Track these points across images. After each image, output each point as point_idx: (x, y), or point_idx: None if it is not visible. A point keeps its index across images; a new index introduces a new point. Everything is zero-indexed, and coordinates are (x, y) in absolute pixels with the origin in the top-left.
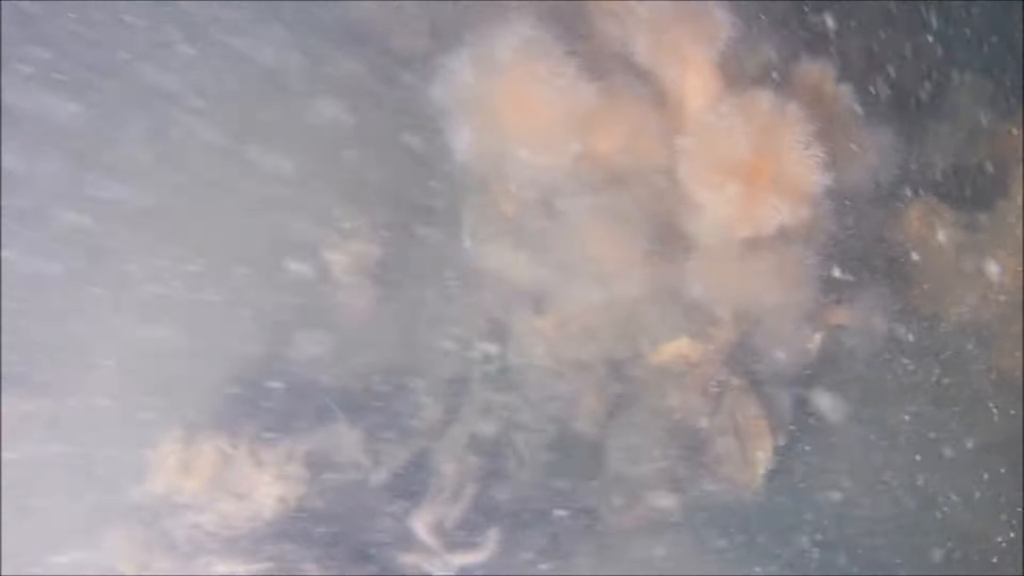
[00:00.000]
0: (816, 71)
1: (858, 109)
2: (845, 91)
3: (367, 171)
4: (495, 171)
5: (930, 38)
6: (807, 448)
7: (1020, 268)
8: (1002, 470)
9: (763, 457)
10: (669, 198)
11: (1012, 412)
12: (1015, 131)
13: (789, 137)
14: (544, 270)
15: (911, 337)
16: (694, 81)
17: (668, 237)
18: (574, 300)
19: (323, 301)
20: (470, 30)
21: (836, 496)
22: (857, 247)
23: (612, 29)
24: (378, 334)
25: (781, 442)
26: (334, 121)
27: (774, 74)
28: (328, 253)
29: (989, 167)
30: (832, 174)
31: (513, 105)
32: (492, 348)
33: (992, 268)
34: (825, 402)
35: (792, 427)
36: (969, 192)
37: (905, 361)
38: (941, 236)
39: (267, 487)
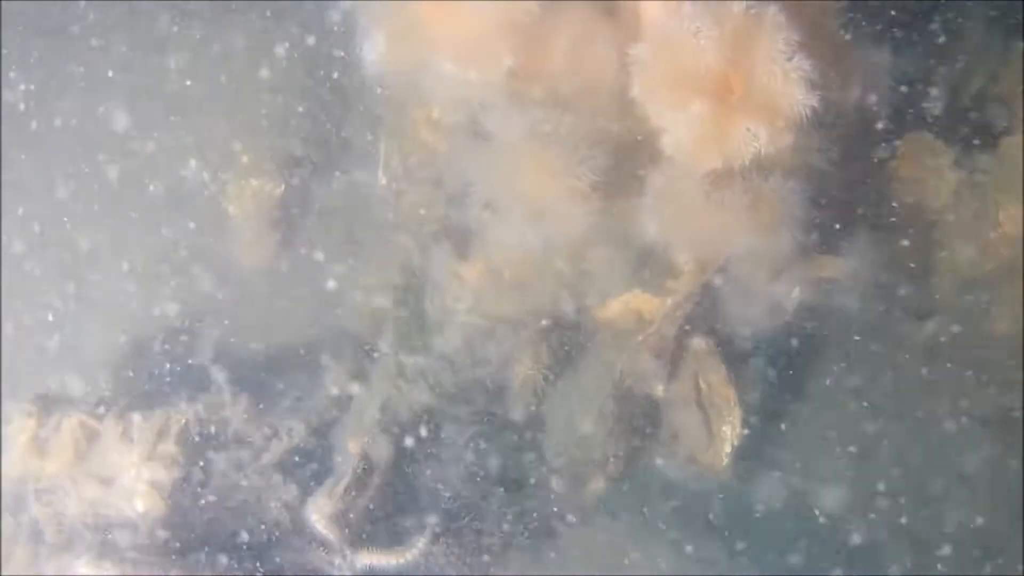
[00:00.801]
0: None
1: (849, 16)
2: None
3: (267, 94)
4: (414, 90)
5: None
6: (782, 424)
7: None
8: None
9: (730, 433)
10: (620, 121)
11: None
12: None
13: (768, 46)
14: (470, 208)
15: (902, 293)
16: None
17: (619, 168)
18: (505, 243)
19: (213, 247)
20: None
21: (816, 481)
22: (846, 185)
23: None
24: (275, 286)
25: (752, 416)
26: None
27: None
28: (222, 191)
29: (994, 99)
30: (819, 94)
31: (435, 6)
32: (408, 301)
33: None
34: (804, 368)
35: (765, 398)
36: (970, 128)
37: (896, 321)
38: (937, 178)
39: (136, 469)
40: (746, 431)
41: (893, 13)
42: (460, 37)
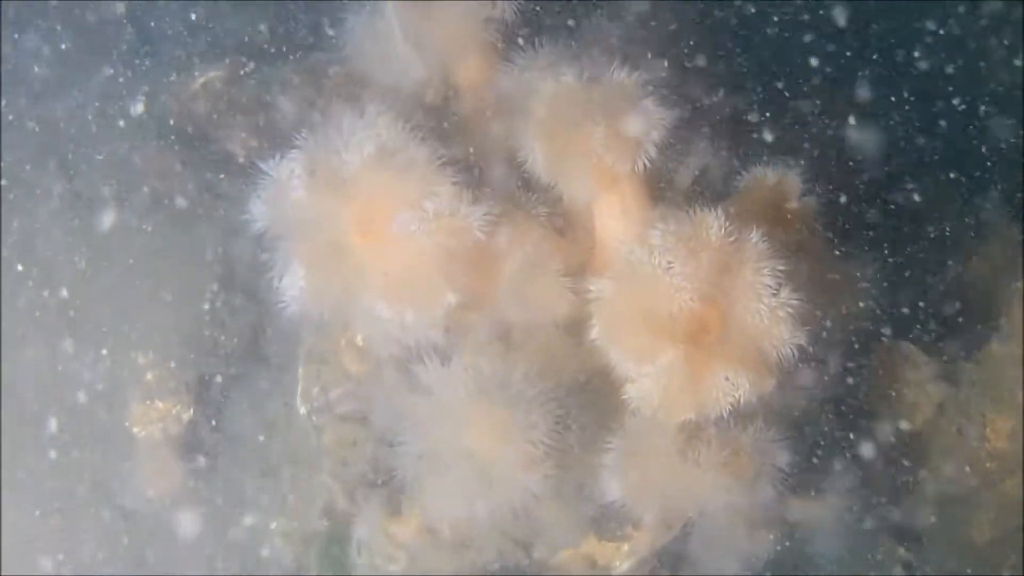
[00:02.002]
0: (775, 181)
1: (831, 233)
2: (812, 207)
3: (175, 304)
4: (339, 316)
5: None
6: None
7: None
8: None
9: None
10: (578, 367)
11: None
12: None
13: (751, 280)
14: (404, 457)
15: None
16: (611, 200)
17: (577, 420)
18: (445, 499)
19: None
20: (308, 127)
21: None
22: (828, 419)
23: (499, 130)
24: (180, 524)
25: None
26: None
27: (717, 187)
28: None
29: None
30: (807, 330)
31: (364, 236)
32: (332, 554)
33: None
34: None
35: None
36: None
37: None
38: (917, 392)
39: None
40: None
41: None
42: (395, 274)
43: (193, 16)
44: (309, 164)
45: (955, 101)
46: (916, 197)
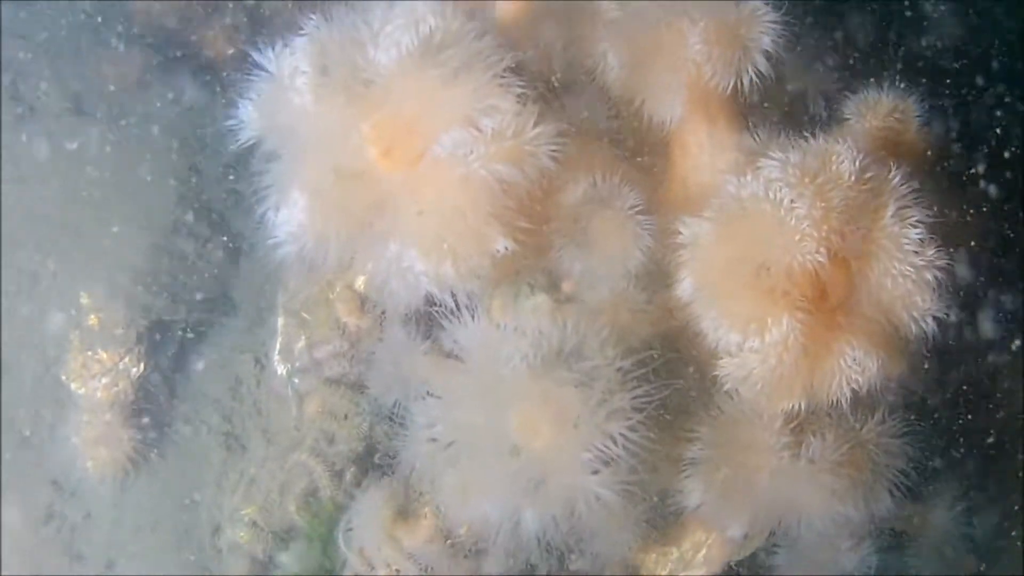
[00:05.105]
0: (891, 107)
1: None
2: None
3: (128, 233)
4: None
5: None
6: None
7: None
8: None
9: None
10: (658, 332)
11: None
12: None
13: (891, 229)
14: (416, 442)
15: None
16: (701, 123)
17: (657, 404)
18: (477, 503)
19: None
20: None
21: None
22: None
23: (553, 35)
24: (125, 510)
25: None
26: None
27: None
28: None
29: None
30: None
31: (392, 159)
32: (312, 556)
33: None
34: None
35: None
36: None
37: None
38: None
39: None
40: None
41: None
42: (433, 211)
43: None
44: (320, 59)
45: None
46: None
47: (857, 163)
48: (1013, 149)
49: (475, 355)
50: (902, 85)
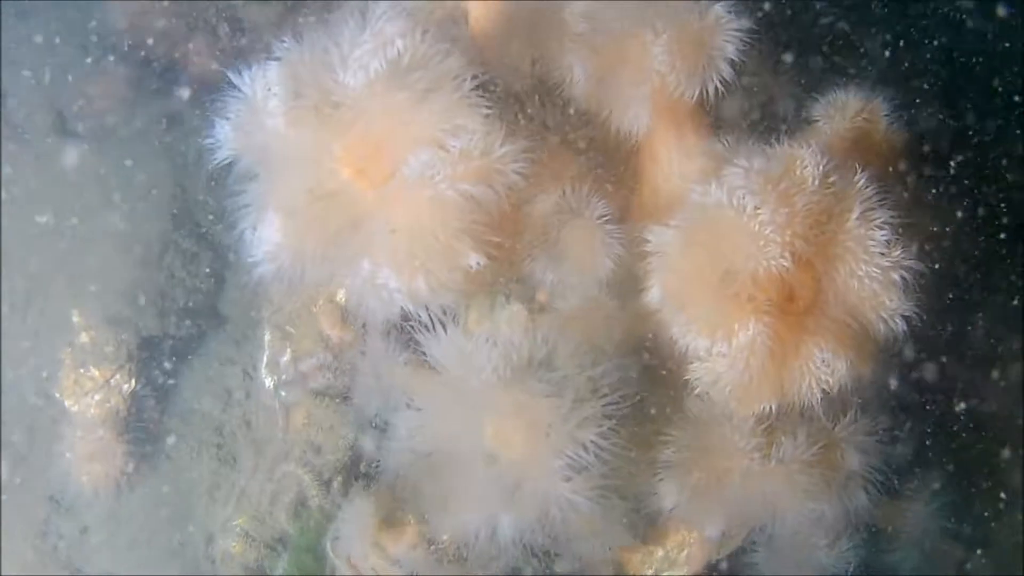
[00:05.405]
0: (859, 108)
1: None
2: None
3: (118, 251)
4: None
5: None
6: None
7: None
8: None
9: None
10: (628, 339)
11: None
12: None
13: (858, 235)
14: (398, 452)
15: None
16: (668, 132)
17: (628, 409)
18: (456, 511)
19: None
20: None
21: None
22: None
23: (519, 48)
24: (119, 524)
25: None
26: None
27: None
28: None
29: None
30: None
31: (364, 179)
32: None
33: None
34: None
35: None
36: None
37: None
38: None
39: None
40: None
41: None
42: (404, 230)
43: None
44: (292, 83)
45: None
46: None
47: (821, 167)
48: (985, 144)
49: (450, 367)
50: (870, 85)
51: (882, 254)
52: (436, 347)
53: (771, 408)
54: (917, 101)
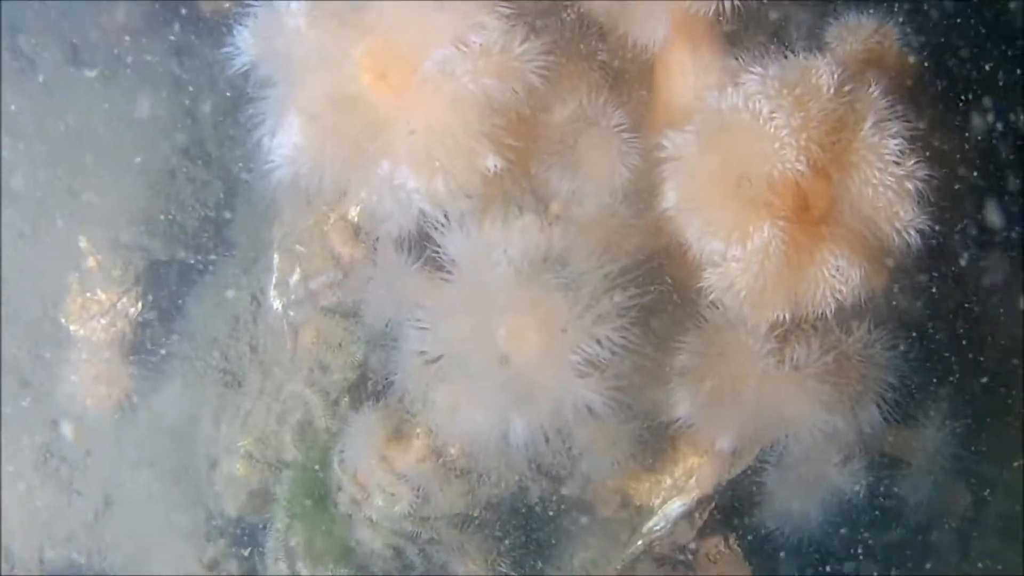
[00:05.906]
0: (872, 31)
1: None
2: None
3: (126, 174)
4: (339, 184)
5: None
6: None
7: None
8: None
9: None
10: (643, 248)
11: None
12: None
13: (872, 143)
14: (408, 360)
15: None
16: (683, 46)
17: (641, 313)
18: (466, 412)
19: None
20: None
21: None
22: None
23: None
24: (123, 445)
25: None
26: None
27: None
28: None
29: None
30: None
31: (383, 80)
32: (307, 484)
33: None
34: None
35: None
36: None
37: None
38: None
39: None
40: None
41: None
42: (424, 130)
43: None
44: None
45: None
46: None
47: (836, 76)
48: (999, 67)
49: (464, 264)
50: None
51: (896, 163)
52: (451, 243)
53: (784, 316)
54: (931, 24)
